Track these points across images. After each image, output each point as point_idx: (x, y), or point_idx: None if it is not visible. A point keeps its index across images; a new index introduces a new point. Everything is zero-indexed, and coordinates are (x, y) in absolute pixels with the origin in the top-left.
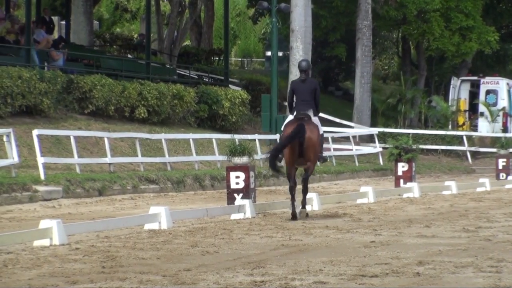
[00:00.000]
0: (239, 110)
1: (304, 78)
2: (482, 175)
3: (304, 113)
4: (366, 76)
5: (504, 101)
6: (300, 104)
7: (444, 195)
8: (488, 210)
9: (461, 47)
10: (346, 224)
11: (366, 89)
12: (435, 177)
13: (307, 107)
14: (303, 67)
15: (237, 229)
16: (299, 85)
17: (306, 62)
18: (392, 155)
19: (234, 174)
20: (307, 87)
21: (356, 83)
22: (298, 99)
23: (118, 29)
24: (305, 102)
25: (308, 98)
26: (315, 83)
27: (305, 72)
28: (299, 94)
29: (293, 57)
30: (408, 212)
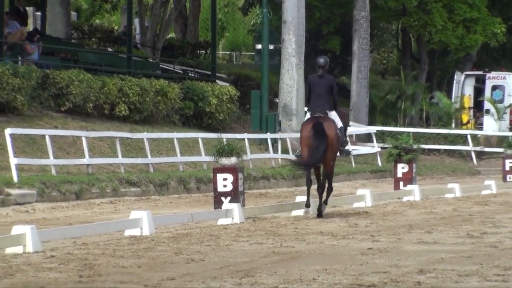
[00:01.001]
0: (227, 107)
1: (322, 74)
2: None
3: (320, 109)
4: (364, 70)
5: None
6: (315, 98)
7: (447, 199)
8: (494, 215)
9: (465, 39)
10: (341, 230)
11: (363, 85)
12: (437, 179)
13: (323, 102)
14: (321, 63)
15: (224, 235)
16: (316, 79)
17: (324, 58)
18: (391, 155)
19: (222, 176)
20: (323, 83)
21: (352, 78)
22: (313, 93)
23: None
24: (321, 97)
25: (324, 93)
26: (332, 79)
27: (322, 68)
28: (315, 89)
29: (285, 50)
30: (408, 216)
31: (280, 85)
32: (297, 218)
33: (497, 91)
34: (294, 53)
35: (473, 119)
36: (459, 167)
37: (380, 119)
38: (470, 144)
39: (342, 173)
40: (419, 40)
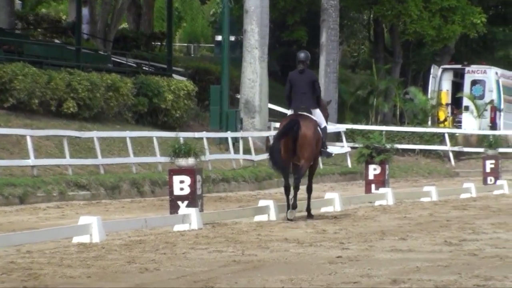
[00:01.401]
0: (184, 103)
1: (302, 69)
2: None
3: (304, 107)
4: (332, 64)
5: (493, 93)
6: (299, 96)
7: (422, 203)
8: (474, 220)
9: (442, 30)
10: (308, 237)
11: (332, 79)
12: (412, 182)
13: (306, 99)
14: (301, 57)
15: (181, 242)
16: (297, 76)
17: (304, 52)
18: (362, 156)
19: (178, 178)
20: (305, 79)
21: (320, 72)
22: (296, 91)
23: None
24: (303, 95)
25: (307, 90)
26: (313, 74)
27: (303, 63)
28: (297, 86)
29: (247, 42)
30: (381, 222)
31: (242, 80)
32: (260, 224)
33: (477, 86)
34: (257, 44)
35: (451, 117)
36: (435, 168)
37: (350, 116)
38: (447, 144)
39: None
40: (393, 31)
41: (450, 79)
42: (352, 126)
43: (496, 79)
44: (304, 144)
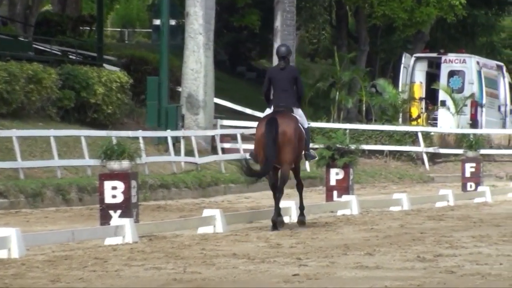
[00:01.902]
0: (117, 98)
1: (284, 66)
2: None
3: (284, 105)
4: None
5: (473, 85)
6: (278, 94)
7: (392, 212)
8: (452, 232)
9: (415, 13)
10: (260, 251)
11: None
12: (381, 188)
13: (287, 98)
14: (282, 52)
15: (113, 258)
16: (278, 73)
17: (285, 47)
18: (322, 158)
19: (110, 184)
20: (286, 75)
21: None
22: (276, 89)
23: None
24: (285, 92)
25: (287, 88)
26: (295, 70)
27: (284, 59)
28: (278, 84)
29: (189, 27)
30: (344, 234)
31: (184, 70)
32: (204, 237)
33: (455, 78)
34: (202, 30)
35: (425, 113)
36: (407, 173)
37: (308, 112)
38: (421, 144)
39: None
40: (358, 14)
41: (424, 69)
42: (311, 124)
43: (477, 69)
44: (285, 142)
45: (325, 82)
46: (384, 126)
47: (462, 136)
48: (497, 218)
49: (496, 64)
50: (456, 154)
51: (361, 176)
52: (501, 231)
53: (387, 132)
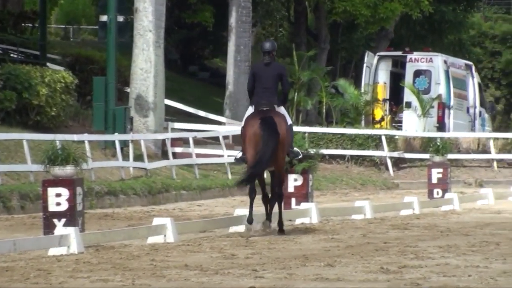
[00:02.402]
0: (61, 99)
1: (268, 62)
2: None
3: (266, 102)
4: (244, 50)
5: (440, 86)
6: (261, 92)
7: (354, 221)
8: (417, 242)
9: (378, 9)
10: (213, 262)
11: (243, 70)
12: (342, 195)
13: (269, 95)
14: (267, 47)
15: (57, 269)
16: (262, 69)
17: (270, 42)
18: None
19: (54, 191)
20: (271, 72)
21: (229, 61)
22: (259, 86)
23: None
24: (268, 90)
25: (271, 85)
26: (281, 67)
27: (269, 54)
28: (261, 80)
29: (139, 24)
30: (303, 244)
31: (133, 70)
32: (154, 247)
33: (421, 78)
34: (152, 27)
35: (389, 115)
36: (370, 179)
37: None
38: (385, 149)
39: (214, 187)
40: (318, 10)
41: (388, 69)
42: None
43: (445, 69)
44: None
45: None
46: (345, 129)
47: (429, 139)
48: (465, 227)
49: (464, 63)
50: (422, 159)
51: (321, 182)
52: (469, 241)
53: (348, 135)
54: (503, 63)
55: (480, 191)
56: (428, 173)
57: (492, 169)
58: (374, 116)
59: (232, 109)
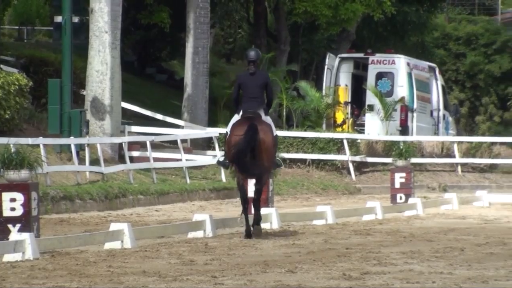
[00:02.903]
0: (15, 102)
1: (253, 71)
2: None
3: (253, 111)
4: (202, 52)
5: (403, 88)
6: (248, 101)
7: (315, 226)
8: (380, 248)
9: (340, 10)
10: (172, 269)
11: (201, 72)
12: (303, 200)
13: (256, 105)
14: (251, 56)
15: (12, 276)
16: (247, 78)
17: (255, 51)
18: None
19: (8, 195)
20: (256, 81)
21: (187, 63)
22: (245, 95)
23: None
24: (254, 99)
25: (258, 94)
26: (265, 76)
27: (254, 63)
28: (247, 89)
29: (94, 24)
30: (263, 250)
31: (89, 72)
32: (111, 253)
33: (383, 81)
34: (108, 28)
35: (351, 119)
36: (332, 183)
37: (224, 118)
38: (347, 153)
39: (172, 192)
40: (278, 10)
41: (350, 71)
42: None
43: (408, 71)
44: (263, 150)
45: None
46: (306, 132)
47: (391, 143)
48: (429, 233)
49: (428, 65)
50: (384, 163)
51: (281, 187)
52: (433, 247)
53: (309, 139)
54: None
55: (444, 196)
56: (391, 177)
57: (456, 174)
58: (336, 119)
59: (190, 112)
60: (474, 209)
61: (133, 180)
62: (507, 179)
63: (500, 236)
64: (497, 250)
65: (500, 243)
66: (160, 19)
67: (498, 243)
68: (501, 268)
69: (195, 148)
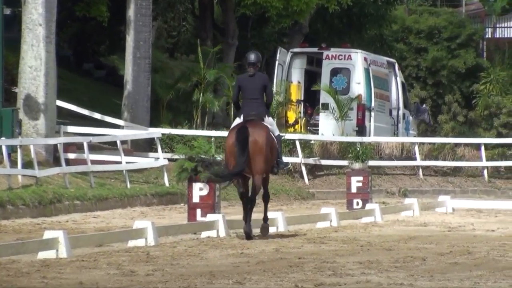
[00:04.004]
0: None
1: (253, 73)
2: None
3: (254, 113)
4: (143, 46)
5: (360, 85)
6: (248, 103)
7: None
8: (335, 258)
9: (291, 1)
10: (111, 280)
11: (143, 68)
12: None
13: (256, 107)
14: (251, 59)
15: None
16: (247, 81)
17: (255, 54)
18: (183, 171)
19: None
20: (256, 84)
21: (127, 58)
22: (245, 97)
23: None
24: (254, 101)
25: (258, 96)
26: (265, 78)
27: (254, 66)
28: (247, 92)
29: (27, 17)
30: (210, 260)
31: (21, 68)
32: (45, 263)
33: (338, 77)
34: (42, 20)
35: (303, 118)
36: (283, 187)
37: (167, 117)
38: (299, 155)
39: (111, 197)
40: (225, 2)
41: (303, 67)
42: (170, 131)
43: (365, 67)
44: (256, 152)
45: (186, 82)
46: None
47: (347, 145)
48: (388, 241)
49: (387, 60)
50: (340, 166)
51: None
52: (393, 256)
53: None
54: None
55: (404, 202)
56: (347, 181)
57: (417, 177)
58: (288, 119)
59: (131, 111)
60: (436, 216)
61: (69, 184)
62: (471, 183)
63: (464, 244)
64: (462, 260)
65: (465, 252)
66: (98, 12)
67: (463, 252)
68: (466, 279)
69: (136, 149)
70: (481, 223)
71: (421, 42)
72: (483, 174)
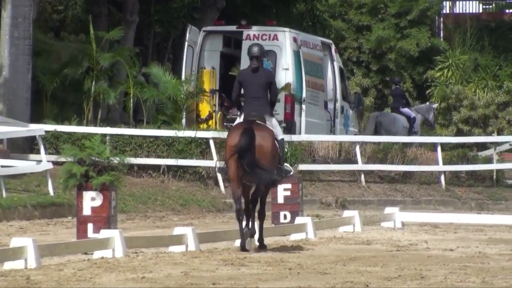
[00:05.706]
0: None
1: (256, 67)
2: None
3: (257, 114)
4: (23, 24)
5: (289, 72)
6: (250, 102)
7: (172, 254)
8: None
9: None
10: None
11: (22, 50)
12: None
13: (260, 106)
14: (254, 52)
15: None
16: (250, 76)
17: (258, 46)
18: (72, 177)
19: None
20: (260, 80)
21: (2, 38)
22: (247, 95)
23: None
24: (257, 100)
25: (261, 94)
26: (270, 74)
27: (257, 59)
28: (250, 89)
29: None
30: (103, 285)
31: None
32: None
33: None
34: None
35: (219, 112)
36: (194, 197)
37: (52, 111)
38: (214, 157)
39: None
40: None
41: (219, 49)
42: (56, 128)
43: (295, 49)
44: (261, 157)
45: (76, 67)
46: (160, 130)
47: None
48: (323, 263)
49: (321, 41)
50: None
51: (127, 202)
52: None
53: (164, 139)
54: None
55: (342, 214)
56: (272, 190)
57: (358, 184)
58: (200, 113)
59: (7, 102)
60: (382, 232)
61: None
62: (425, 191)
63: (417, 267)
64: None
65: (417, 276)
66: None
67: (414, 276)
68: None
69: (13, 150)
70: (437, 241)
71: (363, 19)
72: (439, 180)
